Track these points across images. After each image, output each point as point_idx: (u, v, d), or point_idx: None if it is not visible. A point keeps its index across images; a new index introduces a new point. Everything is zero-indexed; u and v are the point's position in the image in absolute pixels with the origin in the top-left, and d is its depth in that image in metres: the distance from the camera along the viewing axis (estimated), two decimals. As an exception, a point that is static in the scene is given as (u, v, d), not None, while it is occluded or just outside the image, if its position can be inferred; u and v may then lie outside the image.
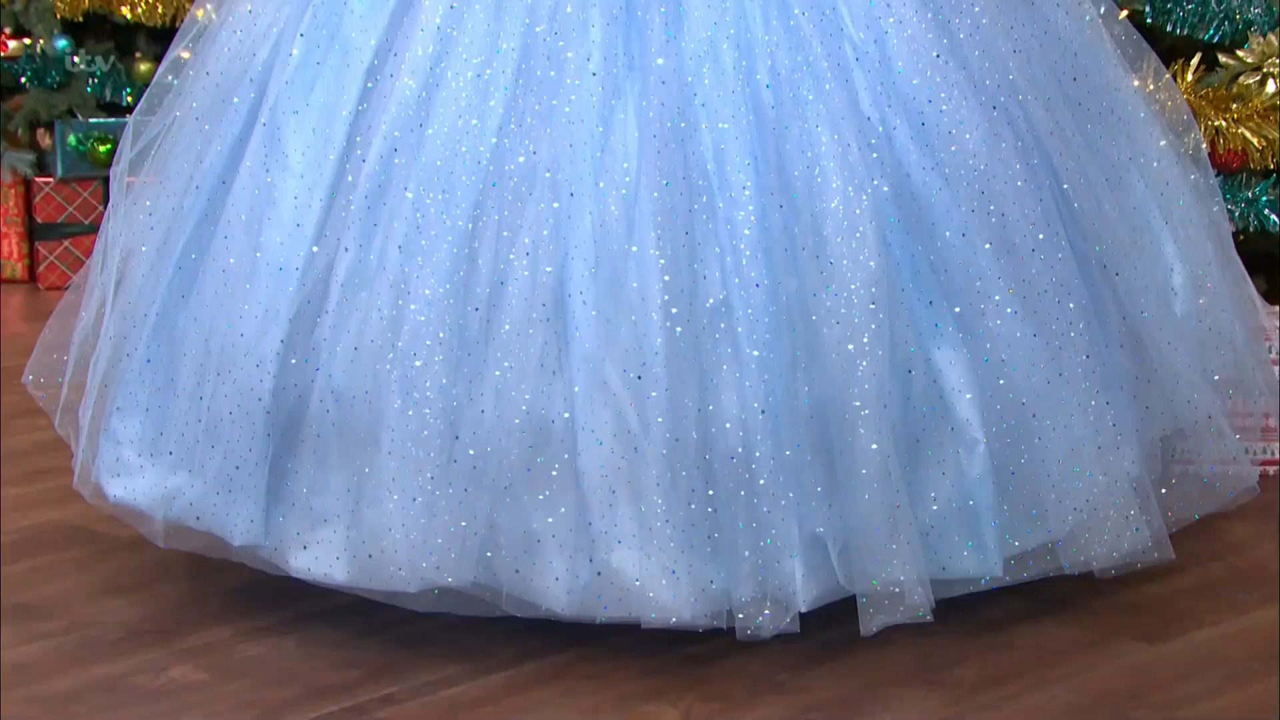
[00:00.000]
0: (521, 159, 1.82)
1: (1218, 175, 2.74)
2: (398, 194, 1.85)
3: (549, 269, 1.79)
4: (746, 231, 1.80)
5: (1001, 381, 1.85)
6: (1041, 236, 1.88)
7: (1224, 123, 2.76)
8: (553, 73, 1.84)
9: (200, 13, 2.22)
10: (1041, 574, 1.94)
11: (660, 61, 1.82)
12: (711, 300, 1.78)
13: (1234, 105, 2.79)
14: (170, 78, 2.19)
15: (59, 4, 3.92)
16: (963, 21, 1.92)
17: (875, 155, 1.84)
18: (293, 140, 1.93)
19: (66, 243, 4.01)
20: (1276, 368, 2.42)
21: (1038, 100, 1.95)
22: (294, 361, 1.86)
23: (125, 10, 3.98)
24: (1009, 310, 1.85)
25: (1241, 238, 2.63)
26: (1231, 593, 2.09)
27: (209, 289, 1.94)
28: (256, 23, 2.04)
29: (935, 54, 1.88)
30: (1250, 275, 2.27)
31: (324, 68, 1.95)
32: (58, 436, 2.15)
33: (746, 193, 1.80)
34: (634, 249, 1.77)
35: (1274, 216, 2.76)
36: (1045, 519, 1.88)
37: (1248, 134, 2.75)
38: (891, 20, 1.88)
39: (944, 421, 1.85)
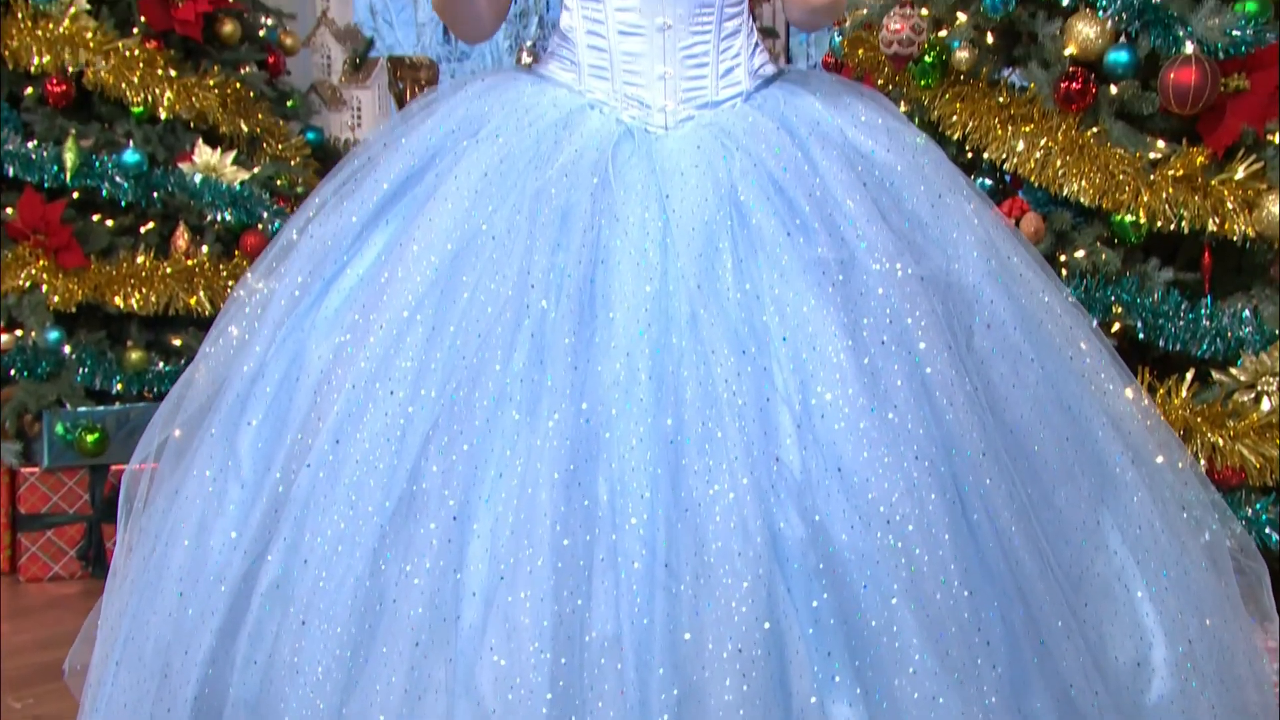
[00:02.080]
0: (426, 482, 1.92)
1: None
2: (317, 511, 1.96)
3: (439, 590, 1.86)
4: (636, 565, 1.84)
5: None
6: (968, 594, 1.88)
7: (1221, 440, 2.83)
8: (474, 392, 1.94)
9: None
10: None
11: (572, 389, 1.91)
12: (596, 633, 1.82)
13: (1229, 422, 2.86)
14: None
15: (52, 297, 4.00)
16: (900, 369, 1.96)
17: (783, 496, 1.88)
18: (246, 449, 2.08)
19: (49, 533, 4.03)
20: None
21: (984, 457, 1.96)
22: (211, 672, 1.96)
23: (118, 300, 4.07)
24: (911, 670, 1.84)
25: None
26: None
27: (159, 595, 2.06)
28: (245, 337, 2.21)
29: (861, 400, 1.92)
30: (1253, 590, 2.29)
31: (284, 382, 2.11)
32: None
33: (641, 530, 1.85)
34: (523, 576, 1.83)
35: (1275, 535, 2.81)
36: None
37: (1245, 451, 2.83)
38: (820, 364, 1.93)
39: None
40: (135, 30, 4.19)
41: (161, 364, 4.17)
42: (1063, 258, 3.10)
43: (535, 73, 2.29)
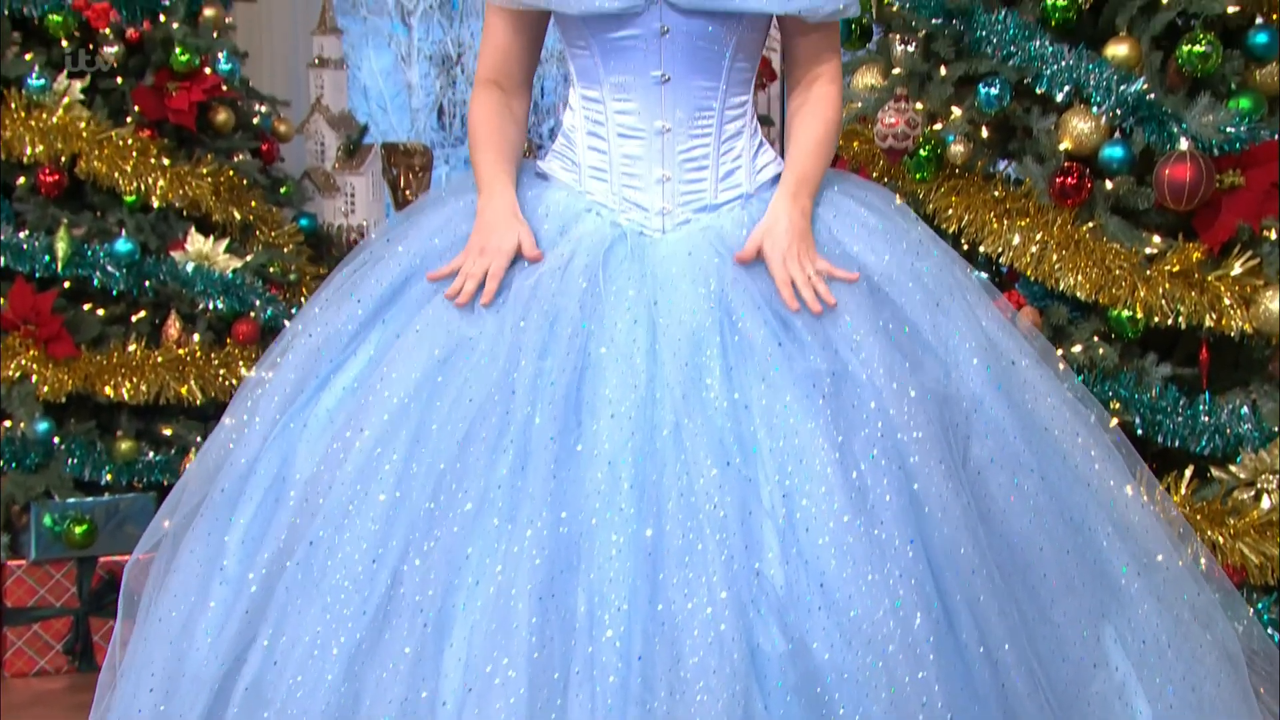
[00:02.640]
0: (405, 588, 1.95)
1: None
2: (295, 614, 2.00)
3: (410, 699, 1.88)
4: (612, 679, 1.85)
5: None
6: (950, 716, 1.88)
7: (1221, 538, 2.83)
8: (455, 498, 1.97)
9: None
10: None
11: (553, 497, 1.93)
12: None
13: (1229, 520, 2.86)
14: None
15: (42, 387, 4.00)
16: (890, 484, 1.96)
17: (763, 611, 1.88)
18: (233, 547, 2.12)
19: (36, 627, 4.00)
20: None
21: (974, 574, 1.96)
22: None
23: (108, 390, 4.07)
24: None
25: (1245, 656, 2.66)
26: None
27: (139, 693, 2.09)
28: (242, 431, 2.24)
29: (847, 516, 1.92)
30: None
31: (274, 482, 2.14)
32: None
33: (618, 643, 1.86)
34: (496, 687, 1.84)
35: (1277, 635, 2.80)
36: None
37: (1245, 549, 2.82)
38: (806, 477, 1.94)
39: None
40: (129, 119, 4.21)
41: (152, 454, 4.16)
42: (1060, 352, 3.10)
43: (537, 170, 2.32)
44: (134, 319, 4.23)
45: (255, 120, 4.62)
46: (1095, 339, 3.08)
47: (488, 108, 2.30)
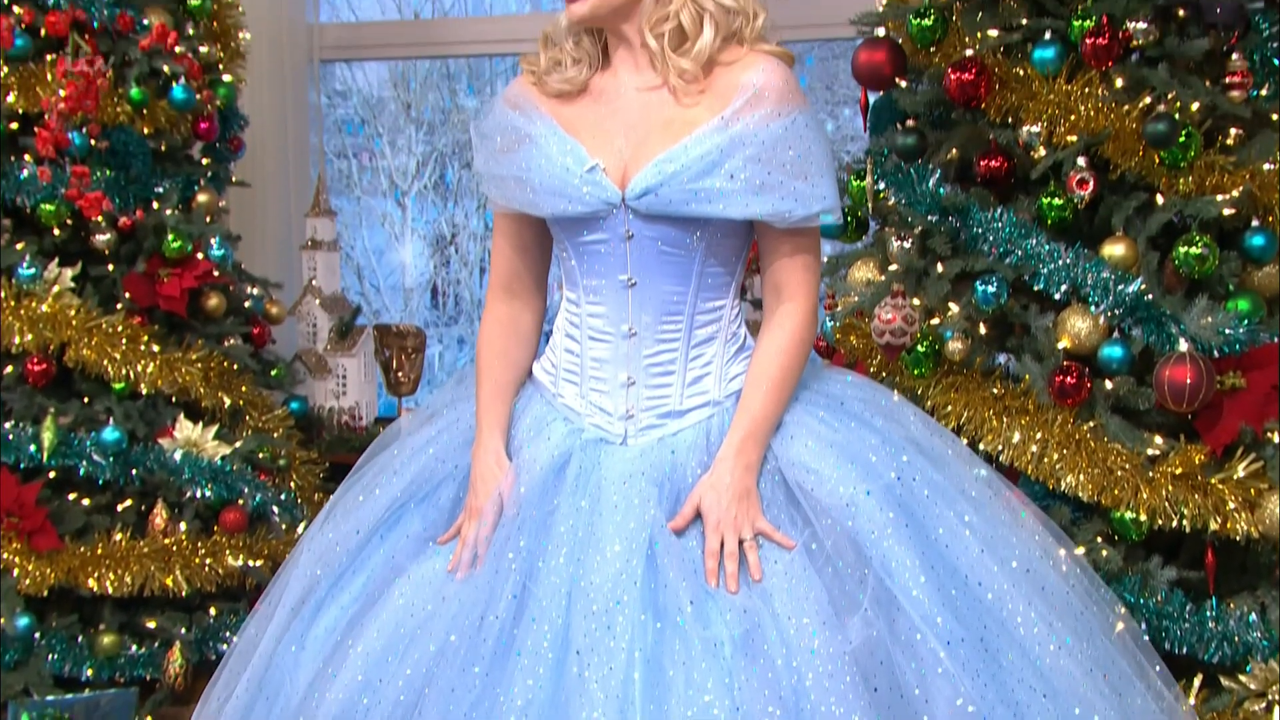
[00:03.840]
0: None
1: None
2: None
3: None
4: None
5: None
6: None
7: (1233, 752, 2.80)
8: None
9: None
10: None
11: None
12: None
13: (1242, 732, 2.83)
14: None
15: (23, 581, 3.97)
16: None
17: None
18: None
19: (9, 831, 3.93)
20: None
21: None
22: None
23: (91, 583, 4.03)
24: None
25: None
26: None
27: None
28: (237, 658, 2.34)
29: None
30: None
31: (275, 713, 2.22)
32: None
33: None
34: None
35: None
36: None
37: (1258, 764, 2.79)
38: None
39: None
40: (119, 306, 4.23)
41: (135, 648, 4.11)
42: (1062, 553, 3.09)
43: (531, 372, 2.35)
44: (120, 508, 4.20)
45: (247, 304, 4.65)
46: (1098, 540, 3.08)
47: (491, 329, 2.35)
